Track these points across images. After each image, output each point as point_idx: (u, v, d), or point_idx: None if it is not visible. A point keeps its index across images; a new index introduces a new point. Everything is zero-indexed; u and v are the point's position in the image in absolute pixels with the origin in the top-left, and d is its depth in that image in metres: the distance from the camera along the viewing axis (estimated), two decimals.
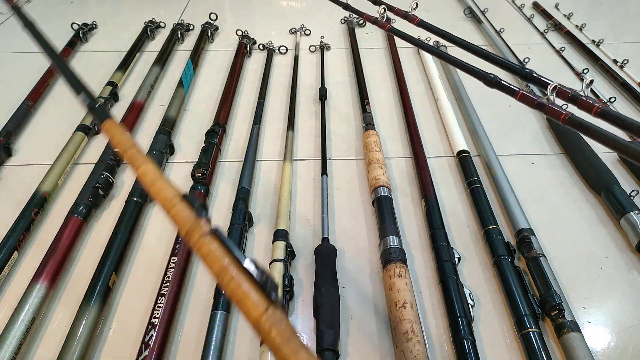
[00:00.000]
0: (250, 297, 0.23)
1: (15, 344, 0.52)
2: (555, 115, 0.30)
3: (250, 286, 0.24)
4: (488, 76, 0.35)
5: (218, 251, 0.26)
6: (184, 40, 1.31)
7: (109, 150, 0.81)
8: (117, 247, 0.64)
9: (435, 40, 1.24)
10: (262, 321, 0.23)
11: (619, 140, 0.26)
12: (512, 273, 0.60)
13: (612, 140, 0.27)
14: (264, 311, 0.23)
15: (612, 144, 0.27)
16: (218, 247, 0.26)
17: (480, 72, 0.34)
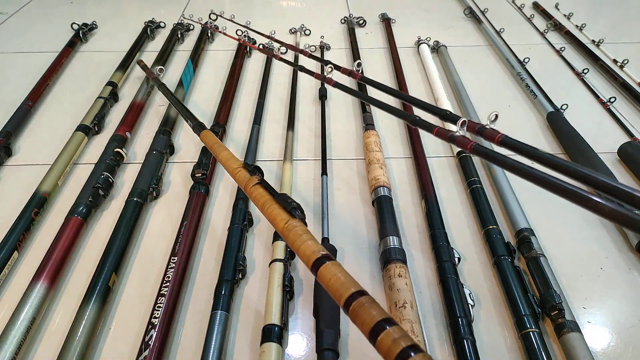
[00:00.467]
0: (279, 215, 0.39)
1: (15, 343, 0.52)
2: (464, 145, 0.34)
3: (280, 209, 0.39)
4: (411, 117, 0.44)
5: (262, 192, 0.43)
6: (183, 41, 1.32)
7: (109, 150, 0.81)
8: (117, 247, 0.64)
9: (435, 41, 1.24)
10: (283, 227, 0.38)
11: (515, 163, 0.31)
12: (512, 273, 0.60)
13: (509, 163, 0.31)
14: (285, 222, 0.38)
15: (509, 167, 0.31)
16: (263, 191, 0.43)
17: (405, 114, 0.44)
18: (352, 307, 0.29)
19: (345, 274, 0.32)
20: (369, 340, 0.27)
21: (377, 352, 0.26)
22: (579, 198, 0.24)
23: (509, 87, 1.09)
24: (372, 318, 0.27)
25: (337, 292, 0.31)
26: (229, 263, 0.61)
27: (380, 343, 0.26)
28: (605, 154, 0.82)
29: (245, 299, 0.61)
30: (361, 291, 0.29)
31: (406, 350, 0.24)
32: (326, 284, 0.32)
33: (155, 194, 0.76)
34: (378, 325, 0.26)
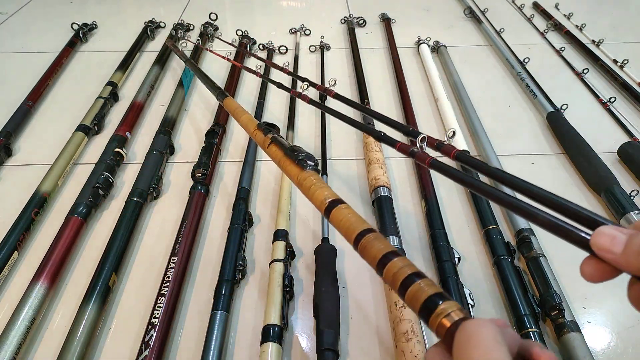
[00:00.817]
0: (292, 170, 0.43)
1: (15, 343, 0.52)
2: (422, 159, 0.38)
3: (292, 164, 0.43)
4: (375, 132, 0.47)
5: (276, 150, 0.46)
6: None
7: (109, 150, 0.81)
8: (117, 247, 0.64)
9: (435, 41, 1.24)
10: (296, 182, 0.42)
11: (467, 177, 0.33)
12: (512, 273, 0.60)
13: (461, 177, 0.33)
14: (297, 176, 0.42)
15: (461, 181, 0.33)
16: (276, 149, 0.46)
17: (371, 130, 0.46)
18: (360, 244, 0.31)
19: (355, 215, 0.34)
20: (377, 272, 0.29)
21: (385, 282, 0.28)
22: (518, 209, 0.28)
23: (509, 87, 1.09)
24: (379, 251, 0.29)
25: (347, 232, 0.33)
26: (229, 263, 0.61)
27: (387, 273, 0.28)
28: (605, 154, 0.82)
29: (245, 299, 0.61)
30: (369, 229, 0.32)
31: (411, 277, 0.26)
32: (337, 225, 0.34)
33: (155, 194, 0.76)
34: (385, 257, 0.29)
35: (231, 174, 0.82)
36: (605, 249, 0.22)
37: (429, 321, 0.24)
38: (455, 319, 0.23)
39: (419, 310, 0.25)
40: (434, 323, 0.23)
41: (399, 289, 0.27)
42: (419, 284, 0.26)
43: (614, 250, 0.22)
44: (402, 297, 0.26)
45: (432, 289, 0.25)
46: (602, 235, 0.23)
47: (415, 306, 0.25)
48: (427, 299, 0.24)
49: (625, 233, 0.22)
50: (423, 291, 0.25)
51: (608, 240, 0.22)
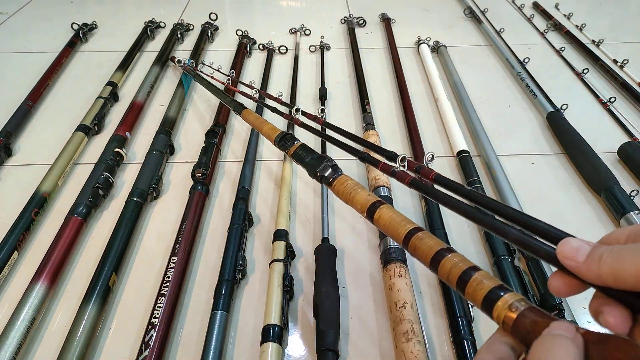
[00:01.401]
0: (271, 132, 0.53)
1: (15, 344, 0.52)
2: (402, 179, 0.40)
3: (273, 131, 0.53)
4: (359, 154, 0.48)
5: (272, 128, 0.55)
6: (183, 40, 1.32)
7: (109, 150, 0.81)
8: (117, 247, 0.64)
9: (435, 41, 1.24)
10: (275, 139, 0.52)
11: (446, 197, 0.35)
12: (512, 273, 0.60)
13: (441, 196, 0.35)
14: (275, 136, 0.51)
15: (440, 200, 0.35)
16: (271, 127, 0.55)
17: (355, 151, 0.48)
18: (411, 243, 0.32)
19: (399, 215, 0.35)
20: (431, 269, 0.30)
21: (440, 278, 0.29)
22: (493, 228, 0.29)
23: (509, 87, 1.09)
24: (431, 248, 0.30)
25: (395, 232, 0.33)
26: (229, 263, 0.61)
27: (442, 269, 0.28)
28: (605, 154, 0.82)
29: (245, 299, 0.61)
30: (417, 227, 0.32)
31: (467, 272, 0.27)
32: (383, 227, 0.35)
33: (155, 194, 0.76)
34: (438, 254, 0.29)
35: (231, 174, 0.82)
36: (569, 256, 0.23)
37: (492, 314, 0.24)
38: (521, 309, 0.23)
39: (481, 303, 0.25)
40: (499, 315, 0.24)
41: (457, 284, 0.27)
42: (477, 277, 0.26)
43: (577, 258, 0.23)
44: (462, 292, 0.27)
45: (492, 281, 0.25)
46: (567, 244, 0.24)
47: (477, 300, 0.25)
48: (489, 292, 0.25)
49: (590, 245, 0.23)
50: (483, 285, 0.25)
51: (573, 249, 0.23)
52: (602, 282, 0.21)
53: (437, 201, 0.35)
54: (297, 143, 0.51)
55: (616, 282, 0.21)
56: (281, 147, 0.53)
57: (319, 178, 0.45)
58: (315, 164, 0.46)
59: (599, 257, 0.22)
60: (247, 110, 0.66)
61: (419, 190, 0.39)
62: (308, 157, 0.48)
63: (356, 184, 0.41)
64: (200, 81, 0.94)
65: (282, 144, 0.53)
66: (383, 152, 0.47)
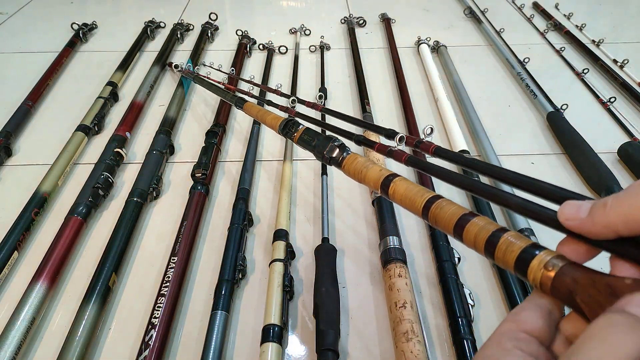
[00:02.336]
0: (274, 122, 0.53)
1: (15, 344, 0.52)
2: (399, 157, 0.40)
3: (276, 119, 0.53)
4: (354, 136, 0.48)
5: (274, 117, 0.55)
6: (183, 41, 1.32)
7: (109, 150, 0.81)
8: (117, 247, 0.64)
9: (435, 41, 1.24)
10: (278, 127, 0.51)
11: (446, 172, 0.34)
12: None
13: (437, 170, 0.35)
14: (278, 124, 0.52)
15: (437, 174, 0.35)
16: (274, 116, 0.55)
17: (350, 134, 0.48)
18: (430, 212, 0.30)
19: (415, 185, 0.33)
20: (455, 236, 0.28)
21: (467, 245, 0.27)
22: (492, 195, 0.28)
23: (509, 87, 1.09)
24: (453, 215, 0.28)
25: (412, 204, 0.32)
26: (229, 263, 0.61)
27: (467, 234, 0.26)
28: (605, 153, 0.82)
29: (245, 299, 0.61)
30: (436, 195, 0.31)
31: (495, 234, 0.25)
32: (400, 200, 0.34)
33: (155, 194, 0.76)
34: (461, 219, 0.27)
35: (231, 174, 0.82)
36: (571, 216, 0.21)
37: (528, 276, 0.22)
38: (560, 265, 0.21)
39: (514, 266, 0.23)
40: (536, 277, 0.22)
41: (486, 249, 0.25)
42: (506, 238, 0.24)
43: (580, 215, 0.21)
44: (491, 256, 0.24)
45: (523, 241, 0.23)
46: (567, 204, 0.22)
47: (509, 263, 0.23)
48: (521, 252, 0.23)
49: (589, 201, 0.21)
50: (514, 245, 0.23)
51: (574, 209, 0.21)
52: (612, 230, 0.19)
53: (434, 176, 0.35)
54: (302, 128, 0.50)
55: (628, 226, 0.19)
56: (286, 134, 0.52)
57: (327, 160, 0.44)
58: (322, 146, 0.45)
59: (604, 204, 0.20)
60: (249, 103, 0.66)
61: (416, 167, 0.38)
62: (314, 140, 0.47)
63: (367, 160, 0.40)
64: (199, 82, 0.94)
65: (286, 131, 0.52)
66: (381, 131, 0.46)
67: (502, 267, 0.24)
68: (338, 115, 0.57)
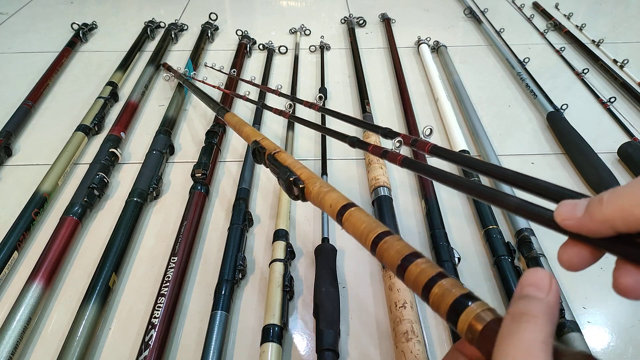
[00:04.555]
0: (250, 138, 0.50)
1: (11, 344, 0.52)
2: (394, 159, 0.39)
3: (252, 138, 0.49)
4: (348, 138, 0.48)
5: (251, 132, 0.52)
6: (177, 41, 1.31)
7: (104, 150, 0.81)
8: (117, 247, 0.64)
9: (435, 41, 1.24)
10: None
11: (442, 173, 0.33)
12: (512, 273, 0.60)
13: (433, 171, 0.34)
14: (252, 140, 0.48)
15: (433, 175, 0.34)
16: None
17: (344, 136, 0.48)
18: (378, 247, 0.29)
19: (369, 218, 0.32)
20: (398, 275, 0.27)
21: (406, 285, 0.26)
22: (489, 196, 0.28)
23: (509, 87, 1.09)
24: (399, 254, 0.27)
25: (361, 236, 0.31)
26: (229, 263, 0.61)
27: (408, 274, 0.26)
28: (605, 154, 0.82)
29: (245, 299, 0.61)
30: (387, 231, 0.29)
31: (434, 278, 0.24)
32: (352, 230, 0.33)
33: (155, 194, 0.76)
34: (405, 259, 0.26)
35: (231, 174, 0.82)
36: (568, 216, 0.21)
37: (457, 325, 0.22)
38: (488, 320, 0.21)
39: (447, 313, 0.22)
40: (462, 326, 0.21)
41: (423, 292, 0.24)
42: (443, 284, 0.23)
43: (576, 214, 0.20)
44: (427, 300, 0.24)
45: (459, 290, 0.23)
46: (563, 205, 0.21)
47: (442, 309, 0.23)
48: (454, 301, 0.22)
49: (587, 199, 0.21)
50: (449, 293, 0.23)
51: (570, 208, 0.21)
52: (610, 226, 0.19)
53: (430, 177, 0.34)
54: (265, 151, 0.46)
55: (626, 222, 0.18)
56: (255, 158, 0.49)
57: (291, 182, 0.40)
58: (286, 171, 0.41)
59: (599, 199, 0.19)
60: (230, 113, 0.64)
61: (411, 169, 0.37)
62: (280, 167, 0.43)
63: (327, 185, 0.38)
64: (188, 87, 0.93)
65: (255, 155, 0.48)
66: (378, 130, 0.46)
67: (434, 311, 0.24)
68: (335, 114, 0.57)
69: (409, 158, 0.38)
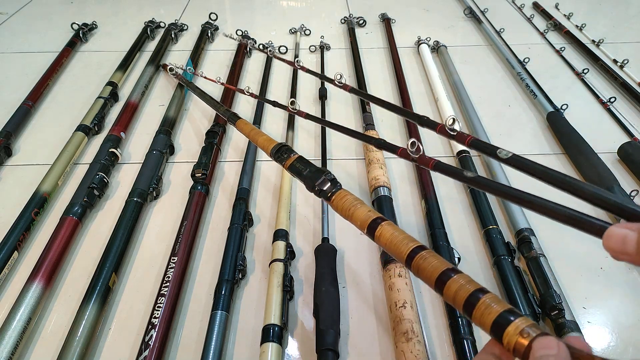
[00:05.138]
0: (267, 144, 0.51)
1: (11, 344, 0.52)
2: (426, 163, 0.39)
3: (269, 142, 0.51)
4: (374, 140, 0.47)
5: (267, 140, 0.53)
6: (177, 41, 1.31)
7: (104, 150, 0.81)
8: (117, 247, 0.64)
9: (435, 41, 1.24)
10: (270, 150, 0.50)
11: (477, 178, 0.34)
12: (512, 273, 0.60)
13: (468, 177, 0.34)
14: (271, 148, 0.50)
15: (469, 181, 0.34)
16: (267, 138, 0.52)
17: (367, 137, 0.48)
18: (414, 262, 0.31)
19: (401, 232, 0.34)
20: (436, 290, 0.28)
21: (446, 300, 0.27)
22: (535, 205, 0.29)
23: (509, 87, 1.09)
24: (436, 269, 0.29)
25: (397, 250, 0.32)
26: (229, 263, 0.61)
27: (447, 291, 0.27)
28: (605, 154, 0.82)
29: (245, 299, 0.61)
30: (420, 246, 0.31)
31: (474, 294, 0.25)
32: (384, 245, 0.34)
33: (155, 194, 0.76)
34: (443, 274, 0.28)
35: (231, 174, 0.82)
36: (619, 250, 0.21)
37: (502, 340, 0.23)
38: (533, 335, 0.22)
39: (490, 328, 0.24)
40: (510, 342, 0.23)
41: (465, 308, 0.26)
42: (485, 300, 0.25)
43: (628, 250, 0.20)
44: (469, 315, 0.25)
45: (500, 305, 0.24)
46: (611, 236, 0.21)
47: (486, 324, 0.24)
48: (498, 316, 0.24)
49: (635, 229, 0.21)
50: (491, 309, 0.24)
51: (619, 242, 0.21)
52: None
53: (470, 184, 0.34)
54: (294, 155, 0.48)
55: None
56: (277, 159, 0.50)
57: (317, 192, 0.42)
58: (313, 177, 0.43)
59: None
60: (242, 120, 0.64)
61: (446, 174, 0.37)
62: (306, 169, 0.45)
63: (356, 199, 0.39)
64: (193, 90, 0.92)
65: (278, 156, 0.50)
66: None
67: (477, 326, 0.25)
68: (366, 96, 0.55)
69: (442, 163, 0.38)
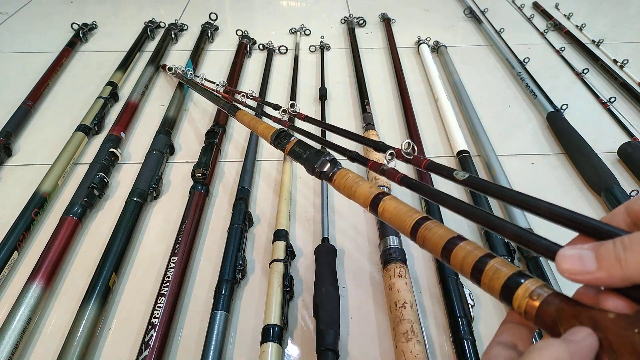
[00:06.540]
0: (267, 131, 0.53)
1: (11, 344, 0.52)
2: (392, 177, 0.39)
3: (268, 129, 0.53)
4: (347, 152, 0.48)
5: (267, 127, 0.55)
6: (177, 41, 1.31)
7: (104, 150, 0.81)
8: (117, 247, 0.64)
9: (435, 41, 1.24)
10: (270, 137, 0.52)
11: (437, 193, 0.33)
12: None
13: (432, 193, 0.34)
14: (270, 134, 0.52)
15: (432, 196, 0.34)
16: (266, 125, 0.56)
17: (344, 150, 0.48)
18: (419, 233, 0.30)
19: (405, 205, 0.33)
20: (443, 259, 0.28)
21: (454, 269, 0.27)
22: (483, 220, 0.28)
23: (509, 87, 1.09)
24: (441, 238, 0.28)
25: (401, 223, 0.31)
26: (229, 263, 0.61)
27: (454, 258, 0.26)
28: (605, 154, 0.82)
29: (245, 299, 0.61)
30: (425, 217, 0.30)
31: (482, 259, 0.25)
32: (388, 219, 0.33)
33: (155, 194, 0.76)
34: (449, 242, 0.27)
35: (231, 174, 0.82)
36: (578, 271, 0.20)
37: (513, 303, 0.22)
38: (544, 295, 0.21)
39: (500, 293, 0.23)
40: (521, 305, 0.22)
41: (472, 274, 0.25)
42: (493, 265, 0.24)
43: (588, 268, 0.19)
44: (477, 282, 0.25)
45: (509, 268, 0.23)
46: (565, 258, 0.20)
47: (495, 290, 0.23)
48: (507, 279, 0.23)
49: (588, 247, 0.20)
50: (500, 272, 0.23)
51: (576, 261, 0.20)
52: (631, 282, 0.19)
53: (430, 198, 0.34)
54: (294, 140, 0.50)
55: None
56: (277, 145, 0.52)
57: (318, 174, 0.43)
58: (313, 159, 0.44)
59: (616, 257, 0.19)
60: (242, 111, 0.65)
61: (410, 188, 0.37)
62: (305, 153, 0.46)
63: (357, 176, 0.40)
64: (193, 87, 0.93)
65: (278, 142, 0.52)
66: (370, 143, 0.46)
67: (487, 292, 0.24)
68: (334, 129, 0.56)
69: (407, 177, 0.38)
